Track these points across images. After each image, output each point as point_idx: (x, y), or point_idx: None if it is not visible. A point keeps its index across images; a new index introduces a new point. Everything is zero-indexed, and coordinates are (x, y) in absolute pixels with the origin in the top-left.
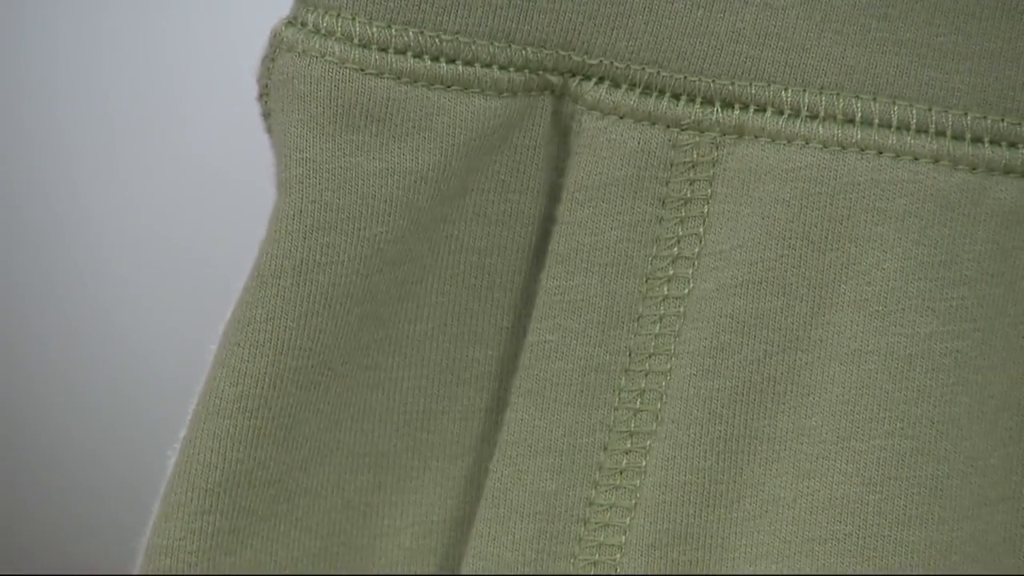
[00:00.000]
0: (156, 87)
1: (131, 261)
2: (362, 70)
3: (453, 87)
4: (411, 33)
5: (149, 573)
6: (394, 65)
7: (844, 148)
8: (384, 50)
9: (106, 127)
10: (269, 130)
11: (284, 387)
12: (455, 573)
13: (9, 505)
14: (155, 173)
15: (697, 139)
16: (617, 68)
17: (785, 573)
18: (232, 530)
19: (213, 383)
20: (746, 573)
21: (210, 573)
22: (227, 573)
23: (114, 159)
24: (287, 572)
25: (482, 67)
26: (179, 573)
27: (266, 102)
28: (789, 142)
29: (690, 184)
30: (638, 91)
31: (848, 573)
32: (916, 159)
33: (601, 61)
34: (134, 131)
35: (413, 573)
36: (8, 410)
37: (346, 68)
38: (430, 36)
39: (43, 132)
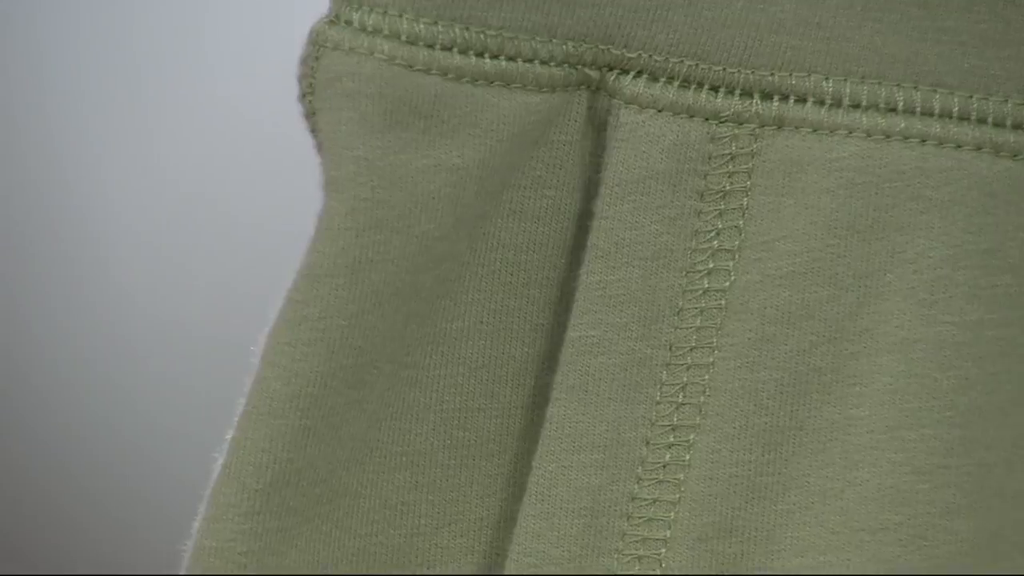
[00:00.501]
0: (175, 87)
1: (150, 261)
2: (410, 67)
3: (496, 83)
4: (457, 29)
5: (198, 575)
6: (441, 62)
7: (888, 137)
8: (431, 47)
9: (126, 126)
10: (314, 130)
11: (335, 386)
12: (497, 570)
13: (31, 503)
14: (172, 173)
15: (735, 131)
16: (656, 61)
17: (834, 563)
18: (280, 530)
19: (264, 383)
20: (794, 565)
21: (259, 574)
22: (275, 573)
23: (131, 158)
24: (329, 573)
25: (524, 62)
26: (231, 573)
27: (310, 101)
28: (832, 132)
29: (728, 176)
30: (676, 84)
31: (898, 563)
32: (959, 147)
33: (640, 54)
34: (152, 130)
35: (450, 572)
36: (29, 410)
37: (395, 65)
38: (475, 32)
39: (62, 131)
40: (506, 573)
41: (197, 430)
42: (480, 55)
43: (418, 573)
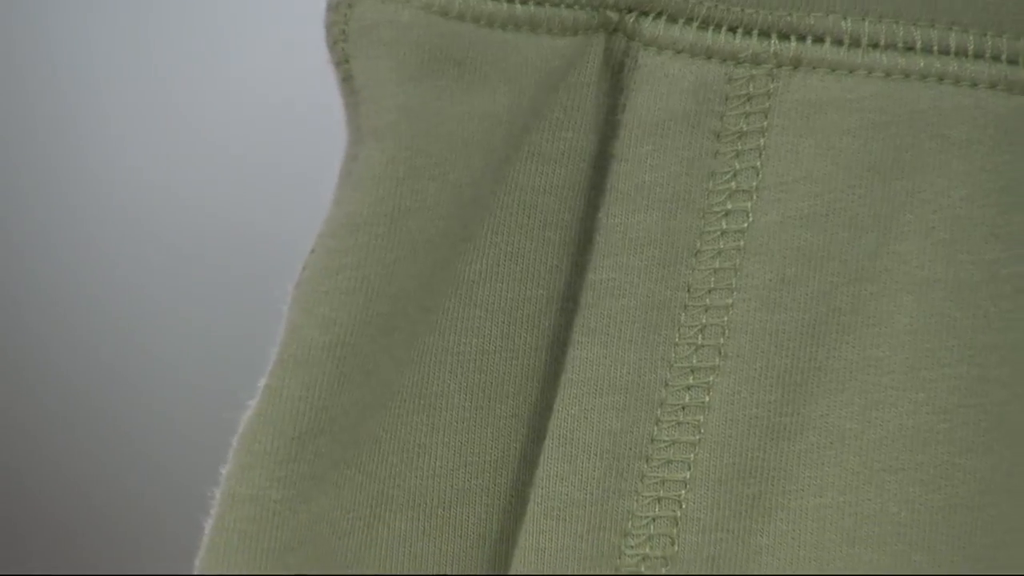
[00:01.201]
0: (181, 84)
1: (155, 257)
2: (446, 14)
3: (523, 28)
4: None
5: (232, 521)
6: (475, 8)
7: (907, 76)
8: None
9: (133, 116)
10: (345, 77)
11: (370, 333)
12: (516, 510)
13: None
14: (174, 171)
15: (752, 72)
16: (675, 2)
17: (853, 503)
18: (312, 477)
19: (299, 331)
20: (812, 505)
21: (293, 520)
22: (305, 520)
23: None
24: (351, 516)
25: (551, 6)
26: (264, 521)
27: (342, 49)
28: (851, 72)
29: (745, 117)
30: (695, 25)
31: (919, 503)
32: (975, 85)
33: None
34: (155, 127)
35: (468, 512)
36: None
37: (432, 13)
38: None
39: (67, 123)
40: (528, 515)
41: (201, 424)
42: (510, 0)
43: None
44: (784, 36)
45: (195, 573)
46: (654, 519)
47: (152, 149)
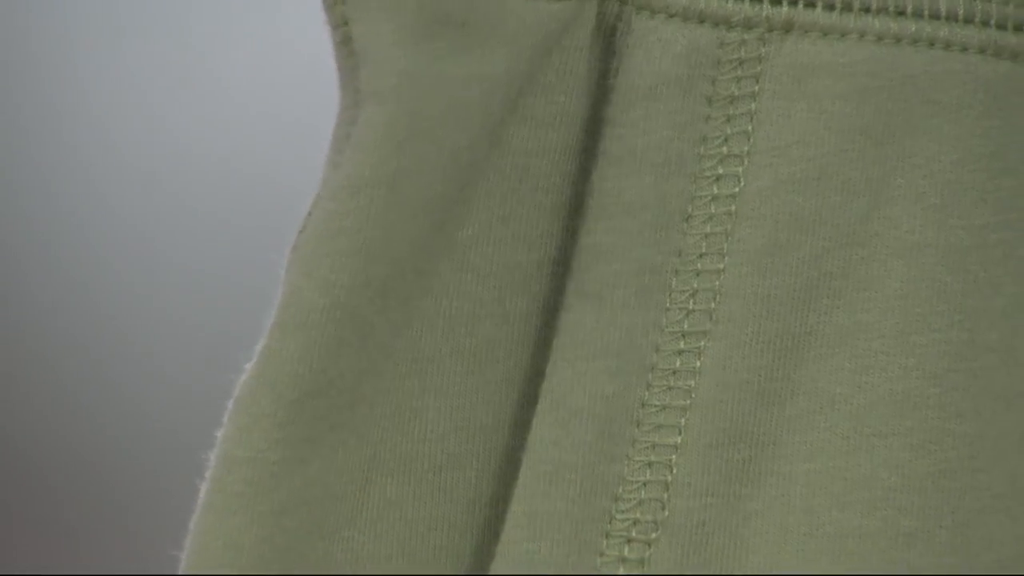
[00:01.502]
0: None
1: (147, 254)
2: None
3: None
4: None
5: (230, 483)
6: None
7: (898, 41)
8: None
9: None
10: (343, 40)
11: (369, 296)
12: (508, 474)
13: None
14: (167, 174)
15: (744, 36)
16: None
17: (843, 468)
18: (309, 440)
19: (298, 294)
20: (802, 470)
21: (289, 483)
22: (301, 483)
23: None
24: (344, 480)
25: None
26: (262, 483)
27: (341, 12)
28: (843, 36)
29: (736, 82)
30: None
31: (908, 468)
32: (965, 50)
33: None
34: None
35: (458, 477)
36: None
37: None
38: None
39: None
40: (521, 479)
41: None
42: None
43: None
44: (776, 0)
45: (190, 535)
46: (645, 484)
47: (157, 113)
